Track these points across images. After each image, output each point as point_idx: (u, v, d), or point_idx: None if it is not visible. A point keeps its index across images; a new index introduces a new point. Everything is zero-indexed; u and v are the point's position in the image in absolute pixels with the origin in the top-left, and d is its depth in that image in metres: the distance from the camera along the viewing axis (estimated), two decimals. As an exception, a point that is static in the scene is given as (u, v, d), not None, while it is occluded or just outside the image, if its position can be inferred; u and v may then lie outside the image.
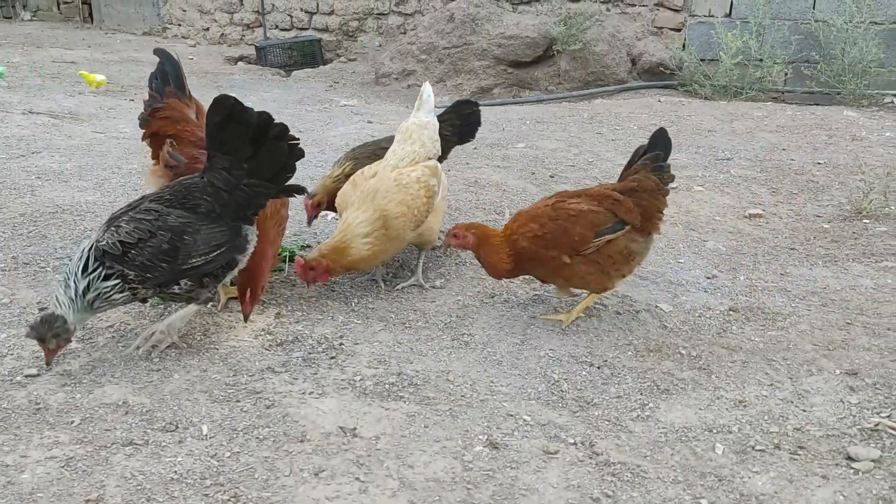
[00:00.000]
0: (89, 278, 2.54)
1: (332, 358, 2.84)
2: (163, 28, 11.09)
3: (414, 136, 3.34)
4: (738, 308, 3.36)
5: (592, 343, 3.02)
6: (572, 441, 2.43)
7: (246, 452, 2.28)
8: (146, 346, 2.77)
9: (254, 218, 2.77)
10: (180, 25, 10.91)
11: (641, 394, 2.71)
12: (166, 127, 3.30)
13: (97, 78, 7.07)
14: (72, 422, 2.40)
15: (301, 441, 2.34)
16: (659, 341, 3.05)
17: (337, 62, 9.96)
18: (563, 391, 2.70)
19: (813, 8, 8.12)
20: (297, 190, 2.83)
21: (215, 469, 2.21)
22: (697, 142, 6.10)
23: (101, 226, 2.67)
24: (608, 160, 5.54)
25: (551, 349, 2.96)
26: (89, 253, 2.56)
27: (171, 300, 2.72)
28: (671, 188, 4.97)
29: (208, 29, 10.75)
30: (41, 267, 3.43)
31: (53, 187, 4.52)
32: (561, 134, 6.30)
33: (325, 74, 9.40)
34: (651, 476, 2.28)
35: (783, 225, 4.42)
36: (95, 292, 2.55)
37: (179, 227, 2.62)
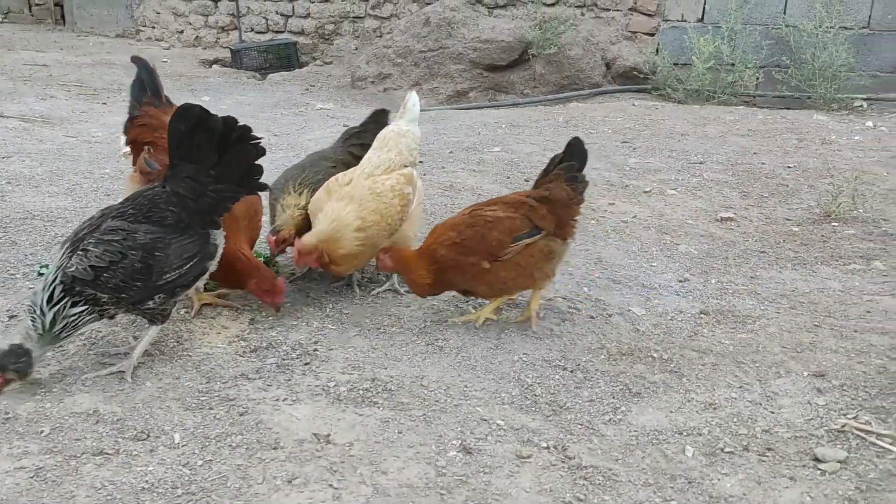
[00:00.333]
0: (55, 310, 2.48)
1: (307, 364, 2.83)
2: (136, 30, 10.95)
3: (391, 144, 3.34)
4: (709, 311, 3.41)
5: (566, 347, 3.05)
6: (545, 445, 2.45)
7: (218, 461, 2.27)
8: (110, 372, 2.71)
9: (221, 222, 2.76)
10: (154, 28, 10.78)
11: (614, 397, 2.74)
12: (144, 134, 3.30)
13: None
14: (41, 431, 2.37)
15: (274, 448, 2.33)
16: (631, 345, 3.09)
17: (313, 65, 9.91)
18: (537, 395, 2.72)
19: (784, 13, 8.27)
20: (261, 188, 2.84)
21: (187, 478, 2.19)
22: (671, 146, 6.17)
23: (62, 247, 2.59)
24: (583, 164, 5.59)
25: (525, 353, 2.98)
26: (54, 283, 2.49)
27: (142, 315, 2.68)
28: (644, 191, 5.08)
29: (182, 31, 10.64)
30: (11, 274, 3.38)
31: (24, 192, 4.46)
32: (536, 138, 6.34)
33: (301, 78, 9.36)
34: (622, 479, 2.31)
35: (753, 228, 4.49)
36: (63, 322, 2.50)
37: (150, 244, 2.58)
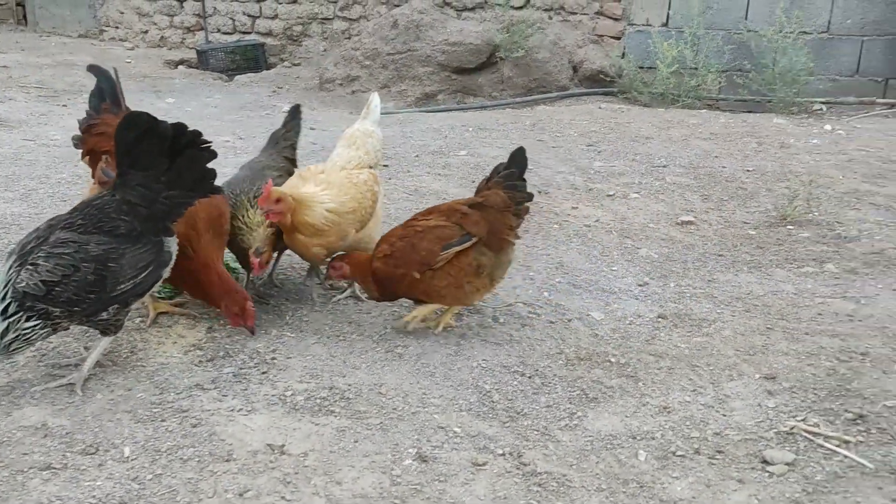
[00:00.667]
0: (8, 321, 2.43)
1: (264, 373, 2.81)
2: (99, 30, 10.75)
3: (359, 143, 3.39)
4: (667, 315, 3.46)
5: (525, 352, 3.07)
6: (501, 452, 2.46)
7: (168, 474, 2.24)
8: (60, 384, 2.66)
9: (174, 228, 2.73)
10: (118, 28, 10.60)
11: (571, 402, 2.76)
12: (102, 143, 3.23)
13: None
14: (-14, 447, 2.32)
15: (227, 460, 2.31)
16: (590, 349, 3.12)
17: (281, 67, 9.83)
18: (494, 402, 2.74)
19: (745, 18, 8.40)
20: (214, 191, 2.81)
21: (136, 493, 2.16)
22: (635, 149, 6.24)
23: (9, 260, 2.52)
24: (548, 167, 5.62)
25: (484, 359, 2.99)
26: (5, 296, 2.44)
27: (95, 327, 2.64)
28: (608, 195, 5.13)
29: (147, 32, 10.48)
30: (-41, 283, 3.30)
31: (-24, 198, 4.36)
32: (503, 141, 6.36)
33: (269, 79, 9.28)
34: (576, 485, 2.33)
35: (712, 232, 4.56)
36: (15, 334, 2.45)
37: (103, 256, 2.54)
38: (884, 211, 4.76)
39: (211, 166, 2.73)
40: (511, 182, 3.09)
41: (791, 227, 4.58)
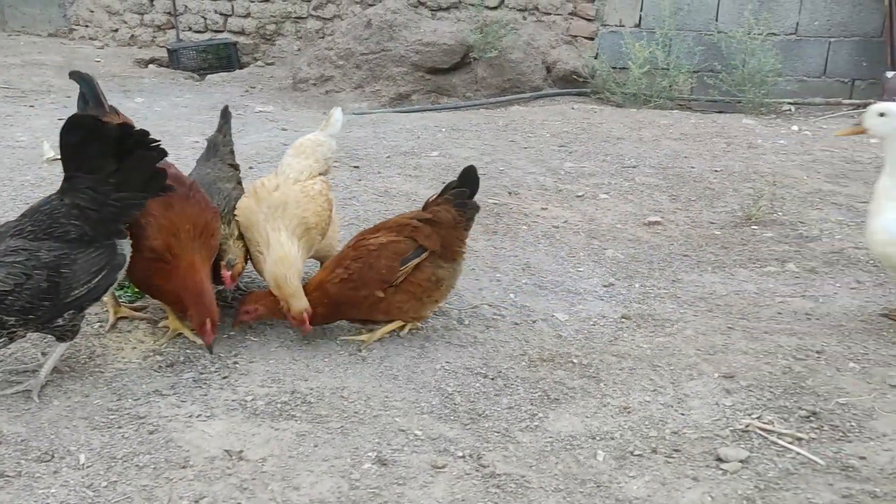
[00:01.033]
0: None
1: (225, 378, 2.80)
2: (69, 29, 10.60)
3: (308, 152, 3.36)
4: (631, 315, 3.50)
5: (489, 354, 3.09)
6: (461, 454, 2.48)
7: (124, 481, 2.22)
8: (16, 391, 2.63)
9: (126, 231, 2.71)
10: (88, 27, 10.46)
11: (532, 404, 2.78)
12: None
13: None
14: (-62, 456, 2.29)
15: (183, 467, 2.30)
16: (553, 351, 3.14)
17: (254, 66, 9.76)
18: (456, 404, 2.75)
19: (716, 20, 8.50)
20: (166, 190, 2.77)
21: (90, 500, 2.15)
22: (606, 149, 6.28)
23: None
24: (519, 168, 5.65)
25: (448, 362, 3.00)
26: None
27: (51, 333, 2.61)
28: (577, 196, 5.17)
29: (117, 30, 10.35)
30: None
31: (-64, 202, 4.29)
32: (475, 142, 6.38)
33: (242, 79, 9.21)
34: (534, 486, 2.35)
35: (679, 232, 4.61)
36: None
37: (55, 262, 2.50)
38: (845, 211, 4.85)
39: (162, 166, 2.70)
40: (461, 201, 3.10)
41: (755, 227, 4.65)
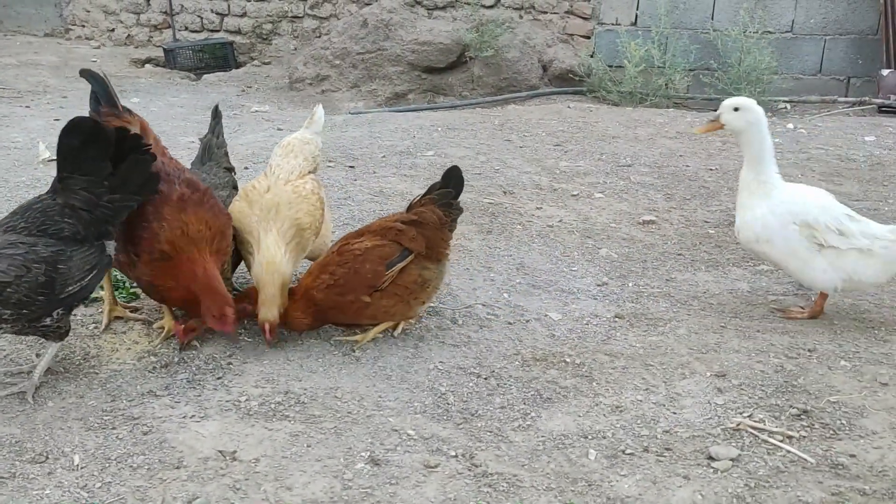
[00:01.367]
0: None
1: (219, 378, 2.81)
2: (65, 29, 10.59)
3: (296, 151, 3.37)
4: (624, 315, 3.51)
5: (482, 354, 3.10)
6: (453, 454, 2.49)
7: (118, 482, 2.24)
8: (11, 392, 2.64)
9: (114, 232, 2.73)
10: (84, 26, 10.46)
11: (525, 403, 2.79)
12: None
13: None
14: (-68, 458, 2.30)
15: (177, 468, 2.31)
16: (546, 350, 3.15)
17: (251, 66, 9.77)
18: (450, 404, 2.76)
19: (711, 18, 8.52)
20: (153, 191, 2.80)
21: (84, 501, 2.16)
22: (601, 148, 6.30)
23: None
24: (514, 168, 5.66)
25: (441, 361, 3.02)
26: None
27: (39, 334, 2.62)
28: (572, 195, 5.18)
29: (114, 30, 10.35)
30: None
31: (-69, 203, 4.29)
32: (471, 141, 6.39)
33: (238, 78, 9.22)
34: (526, 485, 2.36)
35: (673, 231, 4.63)
36: None
37: (52, 257, 2.53)
38: (839, 209, 4.86)
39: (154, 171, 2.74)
40: (446, 201, 3.11)
41: (749, 226, 4.65)
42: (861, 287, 3.44)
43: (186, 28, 10.16)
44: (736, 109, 3.42)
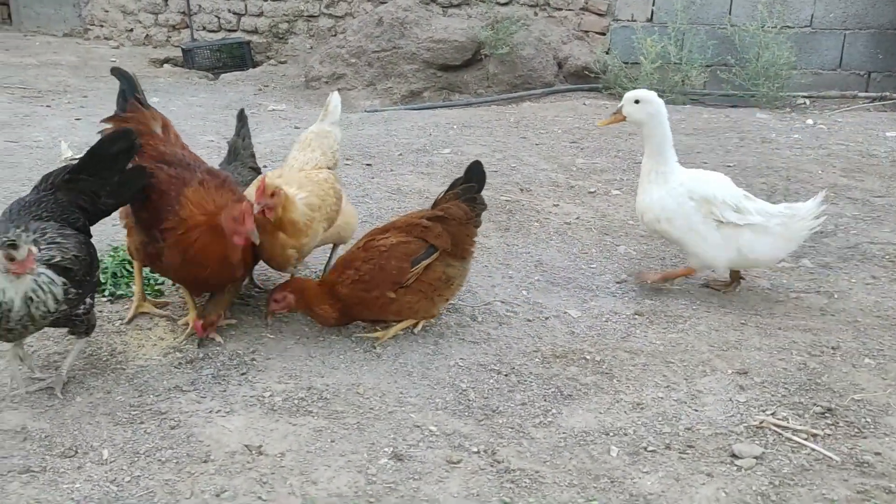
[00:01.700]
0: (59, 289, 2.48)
1: (243, 374, 2.84)
2: (84, 29, 10.70)
3: (314, 145, 3.39)
4: (643, 312, 3.51)
5: (502, 351, 3.11)
6: (475, 450, 2.50)
7: (146, 476, 2.27)
8: (40, 387, 2.68)
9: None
10: (103, 26, 10.56)
11: (545, 400, 2.81)
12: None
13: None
14: (-34, 451, 2.35)
15: (204, 461, 2.35)
16: (566, 347, 3.16)
17: (267, 65, 9.82)
18: (471, 400, 2.78)
19: (729, 13, 8.45)
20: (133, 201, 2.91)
21: (114, 495, 2.20)
22: (618, 146, 6.28)
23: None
24: (531, 165, 5.66)
25: (462, 358, 3.03)
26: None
27: (70, 325, 2.66)
28: (589, 192, 5.17)
29: (132, 30, 10.44)
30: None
31: (-42, 202, 4.36)
32: (487, 139, 6.40)
33: (255, 78, 9.27)
34: (548, 481, 2.37)
35: (692, 228, 4.60)
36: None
37: (85, 241, 2.66)
38: (861, 205, 4.82)
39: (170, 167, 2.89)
40: (470, 195, 3.12)
41: (769, 223, 4.62)
42: (758, 264, 3.58)
43: (204, 28, 10.23)
44: (637, 102, 3.50)
